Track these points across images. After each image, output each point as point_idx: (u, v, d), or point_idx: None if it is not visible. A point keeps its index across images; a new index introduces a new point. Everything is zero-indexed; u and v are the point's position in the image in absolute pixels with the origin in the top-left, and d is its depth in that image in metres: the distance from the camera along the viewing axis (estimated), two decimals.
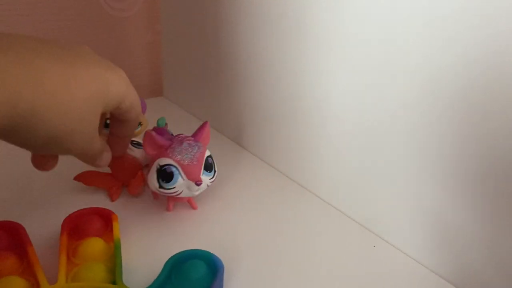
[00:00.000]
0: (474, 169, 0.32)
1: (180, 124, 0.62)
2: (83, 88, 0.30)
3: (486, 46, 0.30)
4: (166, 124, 0.53)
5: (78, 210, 0.39)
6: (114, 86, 0.33)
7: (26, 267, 0.33)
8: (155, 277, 0.32)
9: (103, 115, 0.35)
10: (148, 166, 0.43)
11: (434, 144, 0.34)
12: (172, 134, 0.46)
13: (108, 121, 0.40)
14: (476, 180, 0.32)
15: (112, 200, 0.44)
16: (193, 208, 0.44)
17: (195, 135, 0.42)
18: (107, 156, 0.38)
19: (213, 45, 0.59)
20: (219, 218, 0.43)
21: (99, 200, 0.44)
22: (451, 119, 0.33)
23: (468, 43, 0.31)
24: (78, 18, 0.67)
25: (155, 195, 0.45)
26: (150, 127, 0.51)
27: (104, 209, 0.39)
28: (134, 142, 0.46)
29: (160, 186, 0.39)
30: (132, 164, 0.44)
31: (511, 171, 0.30)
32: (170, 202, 0.43)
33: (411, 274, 0.37)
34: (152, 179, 0.40)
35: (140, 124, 0.51)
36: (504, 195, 0.31)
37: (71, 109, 0.29)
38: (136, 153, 0.45)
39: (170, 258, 0.34)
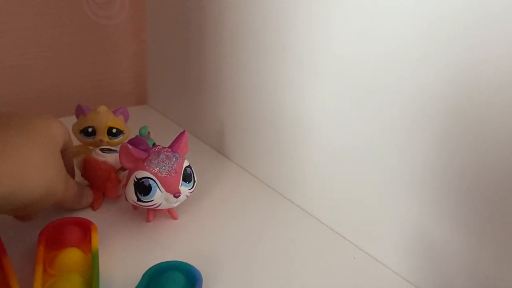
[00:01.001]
0: (457, 185, 0.32)
1: (164, 132, 0.61)
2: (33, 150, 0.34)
3: (468, 59, 0.30)
4: (149, 133, 0.53)
5: (56, 220, 0.38)
6: (57, 134, 0.38)
7: (1, 278, 0.33)
8: None
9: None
10: (122, 169, 0.43)
11: (417, 159, 0.35)
12: (154, 144, 0.46)
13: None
14: (459, 196, 0.32)
15: (94, 209, 0.44)
16: (174, 218, 0.44)
17: (172, 145, 0.42)
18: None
19: (197, 55, 0.59)
20: (199, 228, 0.43)
21: (79, 210, 0.43)
22: (434, 134, 0.33)
23: (449, 58, 0.31)
24: (64, 25, 0.67)
25: (135, 207, 0.44)
26: (133, 135, 0.51)
27: (83, 219, 0.39)
28: (105, 149, 0.46)
29: (138, 199, 0.39)
30: (103, 169, 0.44)
31: (494, 188, 0.30)
32: (150, 213, 0.43)
33: (389, 286, 0.37)
34: (130, 192, 0.39)
35: (122, 133, 0.50)
36: (486, 212, 0.31)
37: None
38: (108, 157, 0.45)
39: (148, 270, 0.34)
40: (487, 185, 0.30)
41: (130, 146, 0.39)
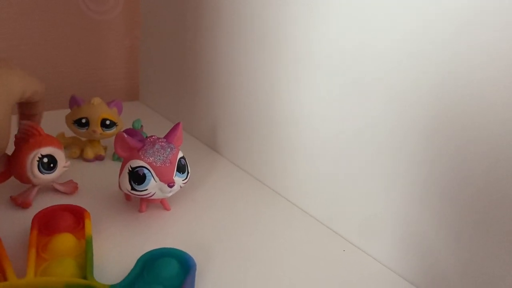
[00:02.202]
0: (446, 180, 0.33)
1: (156, 128, 0.61)
2: None
3: (458, 61, 0.31)
4: (142, 126, 0.54)
5: (50, 206, 0.38)
6: (14, 85, 0.39)
7: None
8: (127, 274, 0.32)
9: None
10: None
11: (405, 154, 0.36)
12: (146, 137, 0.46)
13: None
14: (446, 190, 0.33)
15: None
16: (166, 209, 0.44)
17: (167, 136, 0.42)
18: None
19: (190, 52, 0.60)
20: (192, 219, 0.43)
21: (73, 198, 0.44)
22: (423, 131, 0.34)
23: (439, 58, 0.32)
24: (58, 19, 0.67)
25: (127, 197, 0.45)
26: None
27: (76, 206, 0.39)
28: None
29: (132, 188, 0.39)
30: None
31: (482, 185, 0.31)
32: (143, 203, 0.43)
33: (379, 279, 0.38)
34: (124, 181, 0.40)
35: (116, 124, 0.51)
36: (471, 204, 0.32)
37: None
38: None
39: (142, 255, 0.34)
40: (476, 182, 0.31)
41: (125, 135, 0.39)
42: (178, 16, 0.61)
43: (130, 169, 0.39)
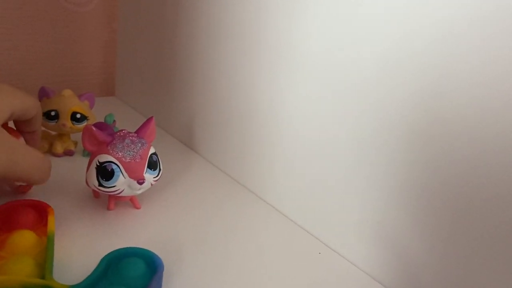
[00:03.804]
0: (422, 183, 0.33)
1: (131, 125, 0.59)
2: None
3: (437, 68, 0.31)
4: (114, 121, 0.52)
5: (10, 201, 0.36)
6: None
7: None
8: (89, 274, 0.30)
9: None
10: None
11: (384, 158, 0.35)
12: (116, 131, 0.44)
13: None
14: (423, 194, 0.33)
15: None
16: (136, 207, 0.42)
17: (138, 131, 0.40)
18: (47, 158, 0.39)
19: (168, 47, 0.58)
20: (163, 219, 0.42)
21: (37, 193, 0.41)
22: (402, 135, 0.33)
23: (417, 65, 0.32)
24: (33, 9, 0.64)
25: (95, 194, 0.43)
26: None
27: (39, 201, 0.37)
28: None
29: (100, 184, 0.38)
30: None
31: (458, 187, 0.30)
32: (111, 201, 0.41)
33: (353, 281, 0.37)
34: (91, 177, 0.38)
35: (86, 118, 0.49)
36: (447, 208, 0.31)
37: None
38: None
39: (106, 255, 0.32)
40: (452, 188, 0.31)
41: (94, 128, 0.38)
42: (157, 10, 0.60)
43: (98, 164, 0.37)
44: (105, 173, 0.37)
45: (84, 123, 0.48)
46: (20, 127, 0.40)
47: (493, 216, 0.29)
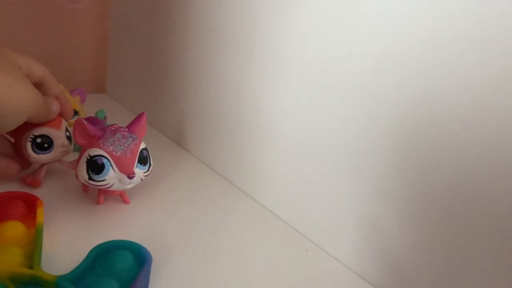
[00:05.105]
0: (409, 182, 0.33)
1: (121, 122, 0.59)
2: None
3: (423, 74, 0.31)
4: (105, 117, 0.52)
5: (0, 193, 0.36)
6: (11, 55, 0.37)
7: None
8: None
9: None
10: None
11: (371, 156, 0.35)
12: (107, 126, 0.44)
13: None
14: (410, 192, 0.33)
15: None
16: (125, 202, 0.42)
17: (130, 126, 0.41)
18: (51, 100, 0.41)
19: (160, 45, 0.58)
20: (151, 214, 0.42)
21: (28, 186, 0.42)
22: (390, 134, 0.34)
23: (406, 70, 0.32)
24: (26, 4, 0.64)
25: (85, 188, 0.43)
26: None
27: (29, 194, 0.37)
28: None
29: (90, 178, 0.38)
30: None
31: (446, 185, 0.31)
32: (100, 195, 0.41)
33: (339, 279, 0.37)
34: (81, 170, 0.38)
35: (78, 114, 0.49)
36: (434, 207, 0.32)
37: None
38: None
39: (95, 247, 0.32)
40: (440, 186, 0.31)
41: (85, 122, 0.38)
42: (149, 9, 0.60)
43: (89, 157, 0.38)
44: (95, 166, 0.37)
45: (75, 118, 0.48)
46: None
47: (478, 214, 0.29)
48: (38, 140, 0.40)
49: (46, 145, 0.40)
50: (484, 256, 0.29)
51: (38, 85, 0.40)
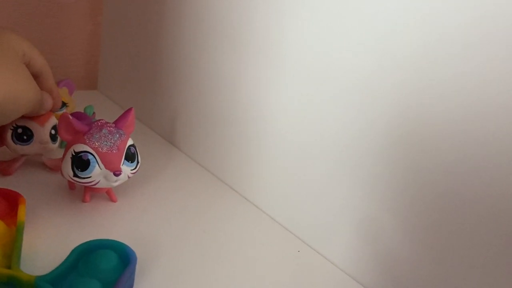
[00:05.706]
0: (404, 183, 0.32)
1: (112, 119, 0.58)
2: None
3: (415, 78, 0.30)
4: (94, 113, 0.51)
5: None
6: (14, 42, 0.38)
7: None
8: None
9: None
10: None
11: (366, 158, 0.34)
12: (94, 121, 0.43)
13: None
14: (405, 194, 0.32)
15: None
16: (112, 200, 0.41)
17: (117, 121, 0.39)
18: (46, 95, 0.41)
19: (153, 42, 0.57)
20: (139, 213, 0.41)
21: (11, 183, 0.40)
22: (385, 135, 0.33)
23: (398, 74, 0.31)
24: (18, 1, 0.63)
25: (71, 185, 0.42)
26: None
27: (10, 190, 0.36)
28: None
29: (75, 175, 0.36)
30: None
31: (441, 187, 0.30)
32: (87, 192, 0.40)
33: (331, 279, 0.36)
34: (66, 167, 0.37)
35: (66, 105, 0.48)
36: (428, 208, 0.31)
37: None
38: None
39: (77, 246, 0.31)
40: (435, 187, 0.31)
41: (70, 117, 0.37)
42: (141, 5, 0.59)
43: (74, 153, 0.36)
44: (80, 163, 0.36)
45: (63, 110, 0.47)
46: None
47: (475, 216, 0.29)
48: (19, 130, 0.41)
49: (25, 137, 0.41)
50: (480, 258, 0.29)
51: (36, 76, 0.40)
